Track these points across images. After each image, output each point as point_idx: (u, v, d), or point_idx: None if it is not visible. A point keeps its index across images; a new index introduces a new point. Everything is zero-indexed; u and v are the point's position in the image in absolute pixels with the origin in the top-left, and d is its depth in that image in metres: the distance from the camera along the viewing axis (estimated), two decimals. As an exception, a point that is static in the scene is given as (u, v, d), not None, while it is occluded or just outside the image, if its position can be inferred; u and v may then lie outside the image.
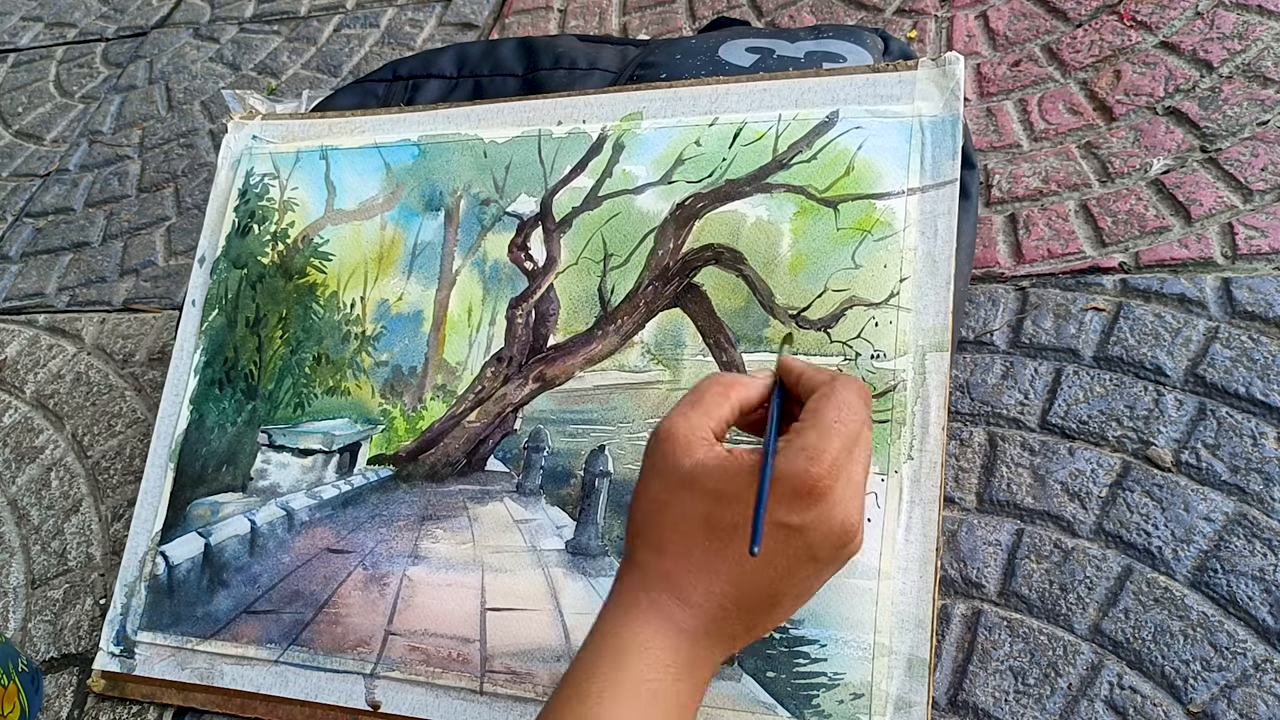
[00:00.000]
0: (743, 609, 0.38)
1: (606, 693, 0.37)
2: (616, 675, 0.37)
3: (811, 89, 0.59)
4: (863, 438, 0.39)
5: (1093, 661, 0.48)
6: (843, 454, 0.37)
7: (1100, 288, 0.60)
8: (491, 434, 0.59)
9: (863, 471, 0.39)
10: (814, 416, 0.38)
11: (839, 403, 0.38)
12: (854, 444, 0.38)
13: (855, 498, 0.38)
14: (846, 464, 0.37)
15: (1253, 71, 0.66)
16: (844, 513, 0.37)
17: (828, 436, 0.37)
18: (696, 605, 0.38)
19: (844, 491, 0.37)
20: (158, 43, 1.18)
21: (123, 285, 0.91)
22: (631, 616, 0.38)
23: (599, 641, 0.39)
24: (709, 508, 0.38)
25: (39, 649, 0.68)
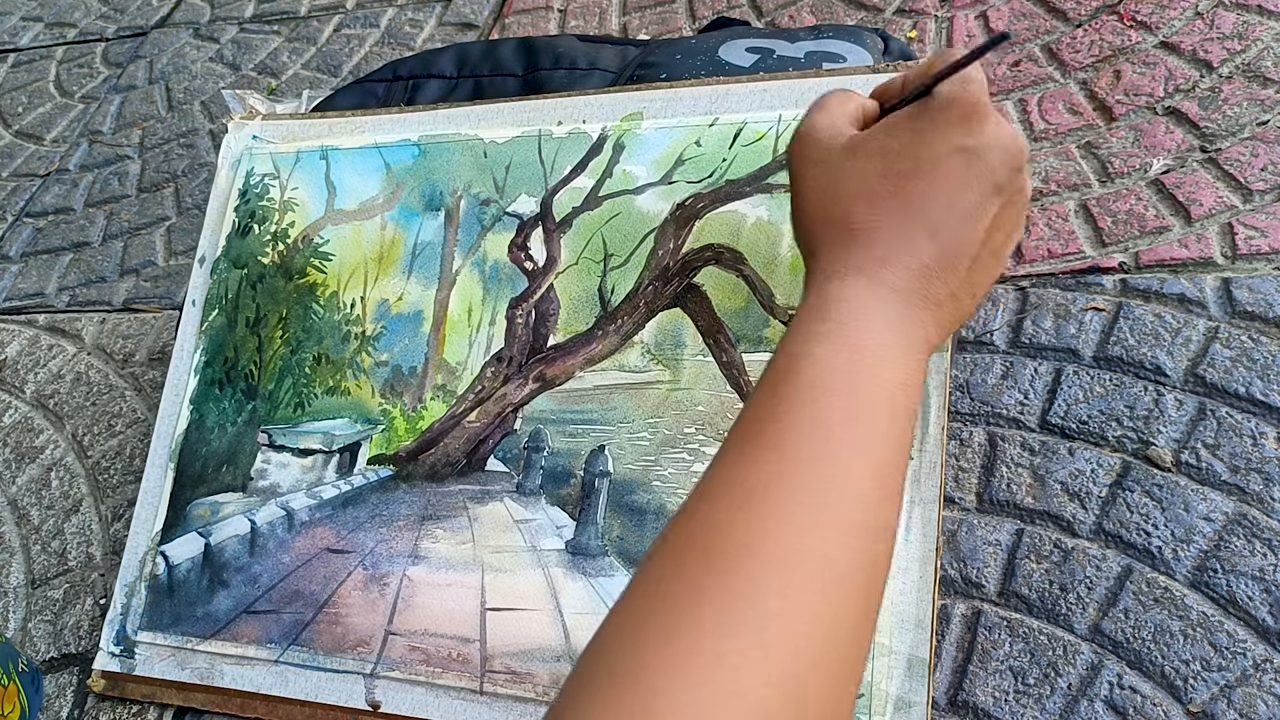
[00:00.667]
0: (943, 263, 0.36)
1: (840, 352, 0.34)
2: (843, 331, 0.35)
3: (812, 89, 0.59)
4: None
5: (1093, 661, 0.48)
6: (983, 80, 0.37)
7: (1100, 288, 0.60)
8: (491, 434, 0.59)
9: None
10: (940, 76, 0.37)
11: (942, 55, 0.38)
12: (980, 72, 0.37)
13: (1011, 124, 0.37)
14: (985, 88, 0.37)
15: (1253, 71, 0.66)
16: (1010, 129, 0.36)
17: (970, 69, 0.36)
18: (899, 262, 0.36)
19: (1001, 117, 0.36)
20: (158, 43, 1.18)
21: (123, 285, 0.91)
22: (845, 285, 0.36)
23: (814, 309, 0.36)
24: (881, 163, 0.37)
25: (39, 649, 0.68)
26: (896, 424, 0.34)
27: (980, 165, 0.36)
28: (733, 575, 0.29)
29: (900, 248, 0.36)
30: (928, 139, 0.36)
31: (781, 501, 0.31)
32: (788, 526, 0.30)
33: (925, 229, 0.36)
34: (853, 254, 0.37)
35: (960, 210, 0.36)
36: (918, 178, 0.36)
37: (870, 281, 0.36)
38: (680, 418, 0.55)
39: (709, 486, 0.33)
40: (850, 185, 0.37)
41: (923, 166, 0.36)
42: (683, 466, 0.54)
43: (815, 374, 0.34)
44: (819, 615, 0.29)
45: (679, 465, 0.54)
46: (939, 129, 0.36)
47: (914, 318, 0.36)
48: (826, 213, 0.38)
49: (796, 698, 0.28)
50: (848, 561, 0.31)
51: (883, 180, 0.37)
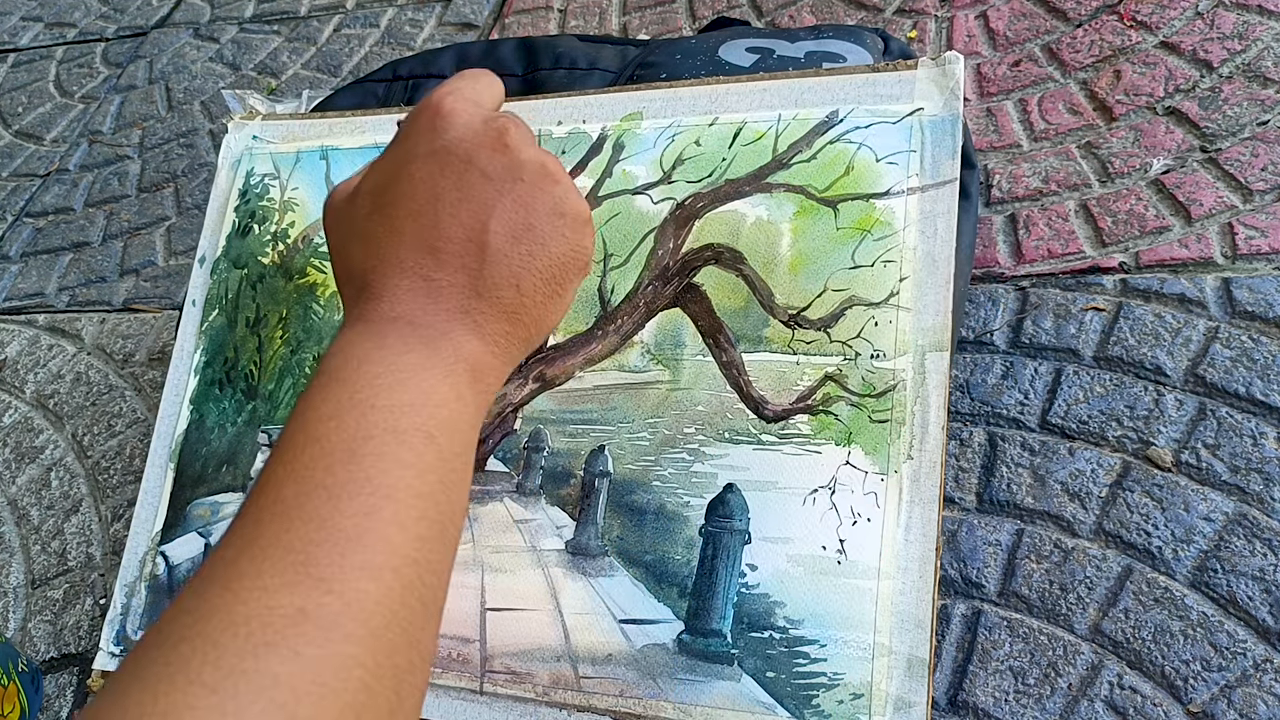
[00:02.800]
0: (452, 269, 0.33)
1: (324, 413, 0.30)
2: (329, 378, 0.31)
3: (811, 89, 0.59)
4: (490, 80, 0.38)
5: (1093, 661, 0.48)
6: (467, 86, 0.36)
7: (1100, 288, 0.60)
8: (491, 434, 0.59)
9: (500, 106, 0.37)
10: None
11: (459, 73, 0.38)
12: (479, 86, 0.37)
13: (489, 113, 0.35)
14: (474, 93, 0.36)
15: (1253, 71, 0.66)
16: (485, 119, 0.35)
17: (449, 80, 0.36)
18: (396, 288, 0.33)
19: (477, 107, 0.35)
20: (158, 43, 1.18)
21: (123, 285, 0.91)
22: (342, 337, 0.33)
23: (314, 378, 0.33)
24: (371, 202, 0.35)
25: (39, 649, 0.68)
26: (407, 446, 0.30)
27: (453, 159, 0.34)
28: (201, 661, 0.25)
29: (399, 276, 0.33)
30: (402, 160, 0.34)
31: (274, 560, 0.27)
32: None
33: (421, 248, 0.33)
34: (357, 300, 0.34)
35: (449, 214, 0.33)
36: (401, 201, 0.34)
37: (366, 324, 0.33)
38: (680, 418, 0.55)
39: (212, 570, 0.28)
40: (348, 233, 0.36)
41: (399, 186, 0.34)
42: (683, 466, 0.54)
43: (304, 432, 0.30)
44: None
45: (679, 465, 0.54)
46: (407, 144, 0.35)
47: (425, 334, 0.32)
48: (339, 272, 0.36)
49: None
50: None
51: (371, 217, 0.35)
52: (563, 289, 0.36)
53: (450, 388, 0.32)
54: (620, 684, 0.50)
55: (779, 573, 0.50)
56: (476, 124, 0.34)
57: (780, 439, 0.52)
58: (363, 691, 0.25)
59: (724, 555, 0.51)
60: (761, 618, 0.49)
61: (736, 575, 0.51)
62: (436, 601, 0.30)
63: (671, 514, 0.53)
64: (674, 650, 0.50)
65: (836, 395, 0.52)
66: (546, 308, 0.35)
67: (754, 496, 0.52)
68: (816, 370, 0.53)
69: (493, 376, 0.34)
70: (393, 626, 0.27)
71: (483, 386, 0.34)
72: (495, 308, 0.33)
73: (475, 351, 0.33)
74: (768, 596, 0.50)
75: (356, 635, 0.26)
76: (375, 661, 0.26)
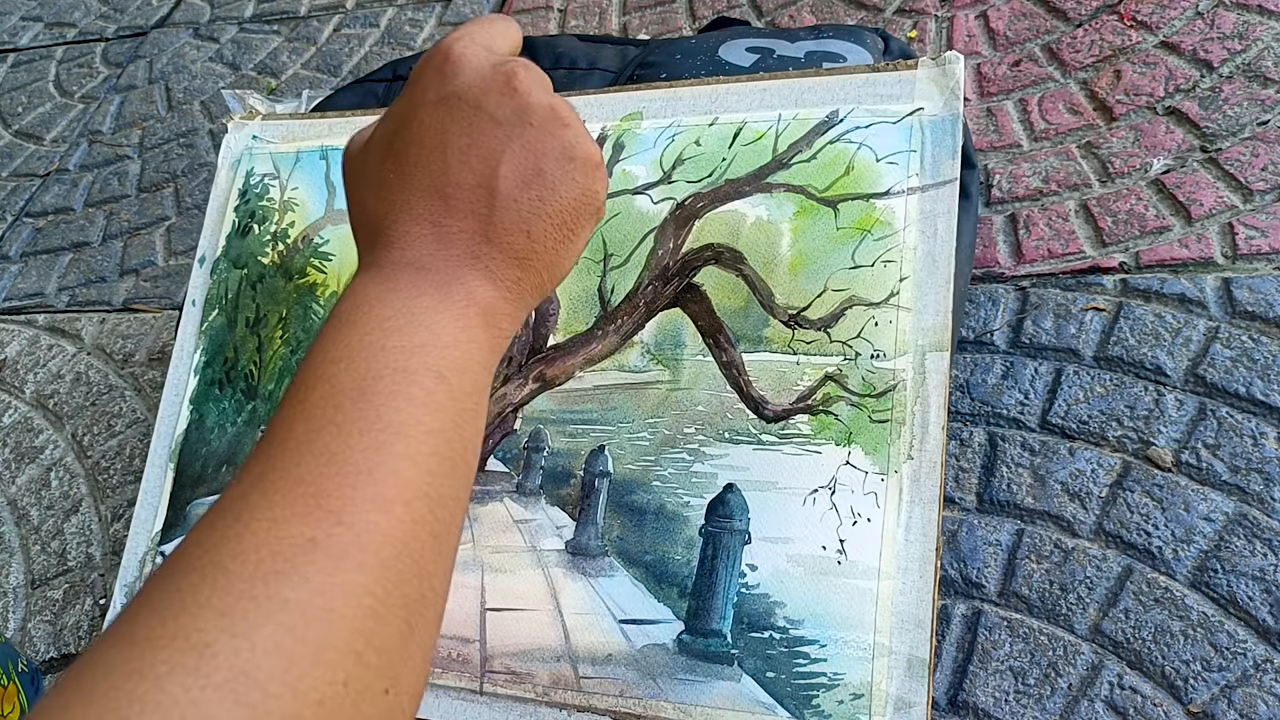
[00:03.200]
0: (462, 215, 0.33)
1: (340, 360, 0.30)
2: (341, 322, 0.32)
3: (811, 89, 0.59)
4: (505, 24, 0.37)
5: (1093, 661, 0.48)
6: (475, 29, 0.36)
7: (1100, 288, 0.60)
8: (491, 434, 0.59)
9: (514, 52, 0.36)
10: None
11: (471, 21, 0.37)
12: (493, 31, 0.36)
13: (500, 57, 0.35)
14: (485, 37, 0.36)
15: (1253, 71, 0.66)
16: (495, 63, 0.34)
17: (462, 26, 0.36)
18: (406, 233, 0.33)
19: (488, 53, 0.35)
20: (158, 43, 1.18)
21: (123, 285, 0.91)
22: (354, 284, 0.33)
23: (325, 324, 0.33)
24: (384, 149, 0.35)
25: (39, 649, 0.68)
26: (418, 384, 0.30)
27: (462, 105, 0.33)
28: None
29: (409, 222, 0.33)
30: (413, 107, 0.34)
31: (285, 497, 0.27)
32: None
33: (431, 193, 0.33)
34: (369, 248, 0.34)
35: (458, 160, 0.33)
36: (411, 148, 0.34)
37: (379, 270, 0.33)
38: (680, 418, 0.55)
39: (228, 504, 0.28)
40: (362, 182, 0.36)
41: (409, 131, 0.34)
42: (682, 466, 0.54)
43: (314, 374, 0.31)
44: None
45: (679, 465, 0.54)
46: (417, 90, 0.35)
47: (436, 279, 0.32)
48: (354, 221, 0.36)
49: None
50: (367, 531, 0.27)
51: (384, 164, 0.35)
52: (574, 234, 0.35)
53: (461, 329, 0.32)
54: (620, 684, 0.50)
55: (779, 573, 0.50)
56: (485, 69, 0.34)
57: (780, 439, 0.52)
58: (371, 618, 0.26)
59: (724, 555, 0.51)
60: (761, 618, 0.49)
61: (736, 575, 0.51)
62: (449, 537, 0.30)
63: (671, 514, 0.53)
64: (674, 650, 0.50)
65: (836, 395, 0.52)
66: (558, 253, 0.35)
67: (754, 496, 0.52)
68: (816, 370, 0.53)
69: (505, 321, 0.34)
70: (403, 558, 0.27)
71: (495, 330, 0.34)
72: (506, 253, 0.33)
73: (487, 296, 0.33)
74: (768, 596, 0.50)
75: (366, 565, 0.26)
76: (384, 590, 0.26)
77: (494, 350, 0.34)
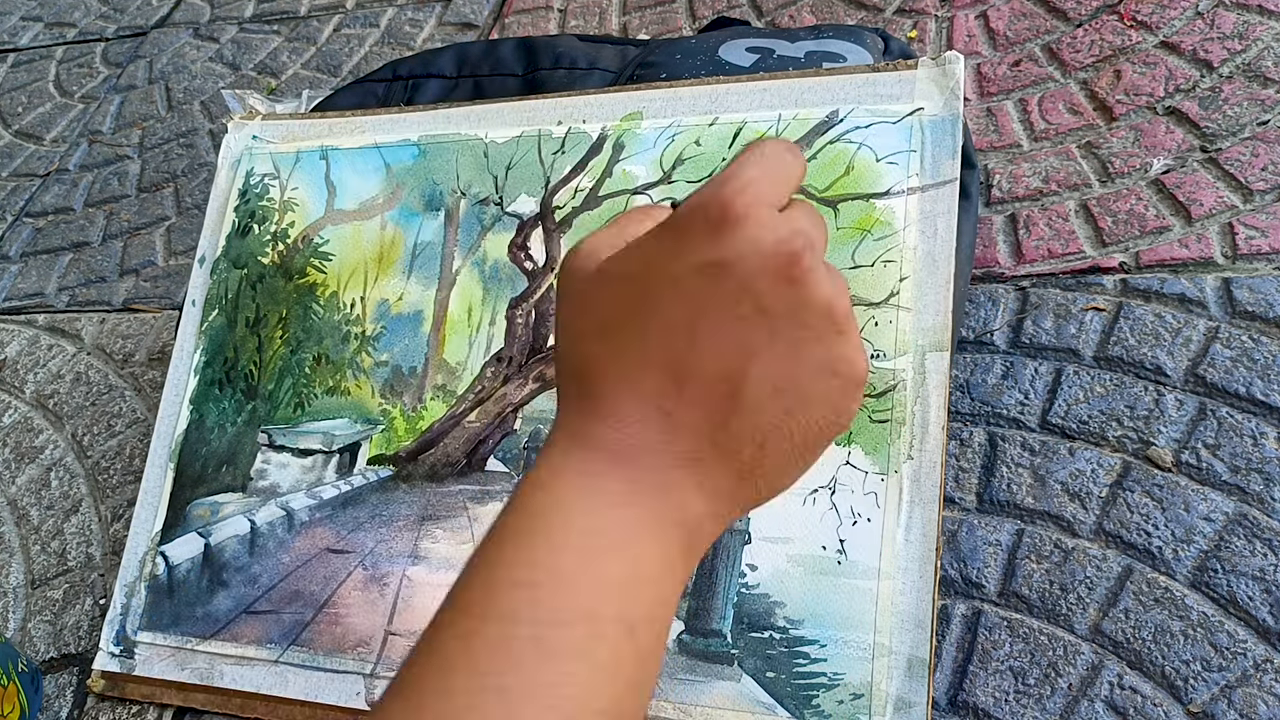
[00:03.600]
0: (692, 401, 0.28)
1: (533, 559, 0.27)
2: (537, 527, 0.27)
3: (811, 89, 0.59)
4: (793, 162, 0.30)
5: (1093, 661, 0.48)
6: (764, 180, 0.28)
7: (1100, 288, 0.60)
8: (491, 434, 0.59)
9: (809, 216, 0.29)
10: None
11: (757, 146, 0.29)
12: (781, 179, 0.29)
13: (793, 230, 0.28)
14: (769, 192, 0.28)
15: (1253, 71, 0.66)
16: (778, 238, 0.27)
17: (739, 165, 0.28)
18: (630, 417, 0.28)
19: (774, 218, 0.28)
20: (158, 43, 1.18)
21: (123, 285, 0.91)
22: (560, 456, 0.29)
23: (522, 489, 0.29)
24: (622, 289, 0.29)
25: (39, 649, 0.68)
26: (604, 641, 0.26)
27: (730, 283, 0.27)
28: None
29: (630, 394, 0.28)
30: (669, 255, 0.28)
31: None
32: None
33: (665, 372, 0.28)
34: (579, 408, 0.29)
35: (709, 343, 0.27)
36: (652, 303, 0.28)
37: (584, 450, 0.28)
38: (680, 418, 0.55)
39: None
40: (588, 320, 0.30)
41: (660, 290, 0.28)
42: (683, 466, 0.53)
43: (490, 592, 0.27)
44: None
45: (679, 465, 0.54)
46: (680, 242, 0.28)
47: (649, 483, 0.28)
48: (566, 357, 0.31)
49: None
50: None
51: (616, 309, 0.29)
52: (812, 454, 0.30)
53: (662, 558, 0.28)
54: (620, 684, 0.50)
55: (779, 573, 0.50)
56: (767, 242, 0.27)
57: (780, 439, 0.52)
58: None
59: (724, 555, 0.51)
60: (761, 618, 0.49)
61: (736, 575, 0.51)
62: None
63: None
64: (674, 650, 0.50)
65: (836, 395, 0.52)
66: (786, 471, 0.30)
67: (754, 496, 0.52)
68: (816, 370, 0.53)
69: (706, 543, 0.30)
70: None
71: (694, 556, 0.29)
72: (730, 463, 0.28)
73: (698, 512, 0.28)
74: (768, 596, 0.50)
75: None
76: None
77: (684, 581, 0.29)
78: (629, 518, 0.27)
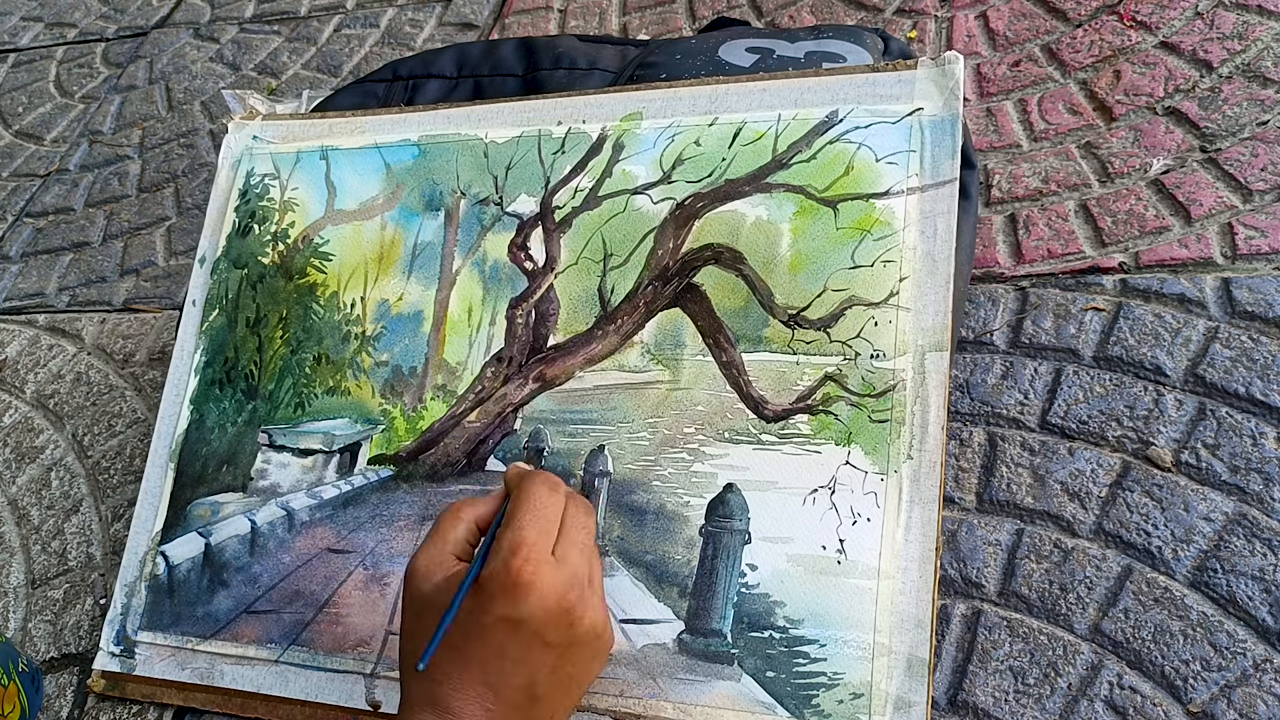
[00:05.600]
0: (508, 708, 0.41)
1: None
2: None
3: (811, 89, 0.59)
4: (567, 522, 0.44)
5: (1093, 661, 0.48)
6: (541, 540, 0.42)
7: (1100, 288, 0.60)
8: (491, 434, 0.59)
9: (575, 545, 0.43)
10: (509, 518, 0.43)
11: (527, 496, 0.43)
12: (551, 528, 0.43)
13: (567, 579, 0.41)
14: (546, 549, 0.42)
15: (1253, 71, 0.66)
16: (558, 595, 0.41)
17: (518, 528, 0.42)
18: (463, 713, 0.41)
19: (553, 575, 0.41)
20: (158, 43, 1.18)
21: (123, 285, 0.91)
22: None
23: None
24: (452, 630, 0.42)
25: (39, 649, 0.68)
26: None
27: (525, 631, 0.41)
28: None
29: (463, 701, 0.41)
30: (481, 610, 0.41)
31: None
32: None
33: (484, 685, 0.41)
34: (422, 704, 0.42)
35: (513, 668, 0.41)
36: (471, 642, 0.41)
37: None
38: (680, 418, 0.55)
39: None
40: (424, 639, 0.42)
41: (475, 633, 0.41)
42: (682, 466, 0.54)
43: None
44: None
45: (679, 465, 0.54)
46: (485, 603, 0.41)
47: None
48: (407, 658, 0.44)
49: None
50: None
51: (445, 643, 0.42)
52: (581, 697, 0.45)
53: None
54: (620, 684, 0.50)
55: (779, 573, 0.50)
56: (550, 601, 0.41)
57: (780, 439, 0.52)
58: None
59: (724, 555, 0.51)
60: (761, 618, 0.49)
61: (736, 575, 0.51)
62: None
63: (671, 514, 0.53)
64: (674, 650, 0.50)
65: (836, 395, 0.52)
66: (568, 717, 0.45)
67: (754, 496, 0.52)
68: (816, 370, 0.53)
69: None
70: None
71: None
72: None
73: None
74: (768, 596, 0.50)
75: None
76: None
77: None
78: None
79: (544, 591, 0.41)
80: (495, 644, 0.41)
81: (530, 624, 0.41)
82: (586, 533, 0.45)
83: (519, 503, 0.43)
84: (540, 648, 0.41)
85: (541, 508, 0.43)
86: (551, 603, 0.41)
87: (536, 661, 0.41)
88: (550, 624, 0.41)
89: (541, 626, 0.41)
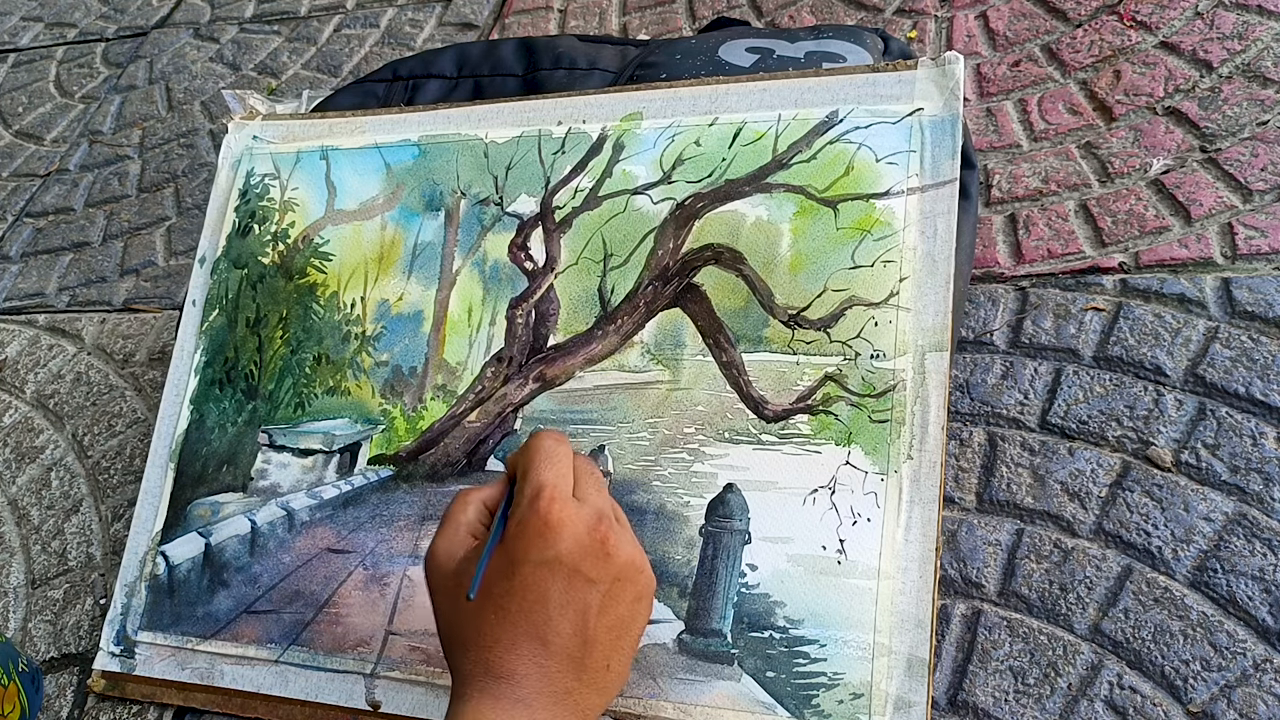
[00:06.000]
0: (562, 660, 0.40)
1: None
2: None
3: (811, 89, 0.59)
4: (579, 467, 0.43)
5: (1093, 661, 0.48)
6: (561, 483, 0.41)
7: (1100, 288, 0.60)
8: (491, 434, 0.59)
9: (593, 488, 0.43)
10: (522, 476, 0.43)
11: (537, 448, 0.43)
12: (568, 472, 0.42)
13: (594, 513, 0.41)
14: (567, 490, 0.41)
15: (1252, 71, 0.66)
16: (589, 527, 0.40)
17: (537, 472, 0.41)
18: (518, 674, 0.40)
19: (580, 511, 0.41)
20: (158, 43, 1.18)
21: (123, 285, 0.91)
22: (473, 707, 0.40)
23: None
24: (486, 594, 0.41)
25: (39, 649, 0.68)
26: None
27: (561, 568, 0.40)
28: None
29: (515, 661, 0.40)
30: (517, 561, 0.40)
31: None
32: None
33: (533, 639, 0.40)
34: (477, 675, 0.41)
35: (559, 613, 0.40)
36: (514, 597, 0.40)
37: (495, 701, 0.40)
38: (680, 418, 0.55)
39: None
40: (464, 614, 0.42)
41: (515, 588, 0.40)
42: (682, 466, 0.54)
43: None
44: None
45: (679, 465, 0.54)
46: (519, 551, 0.40)
47: (542, 716, 0.40)
48: (451, 639, 0.43)
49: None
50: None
51: (485, 607, 0.41)
52: (637, 644, 0.43)
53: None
54: (620, 684, 0.50)
55: (779, 573, 0.50)
56: (583, 535, 0.40)
57: (780, 439, 0.52)
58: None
59: (724, 555, 0.51)
60: (761, 618, 0.49)
61: (736, 575, 0.51)
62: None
63: (671, 514, 0.53)
64: (674, 650, 0.50)
65: (836, 395, 0.52)
66: (626, 666, 0.43)
67: (754, 496, 0.52)
68: (816, 370, 0.53)
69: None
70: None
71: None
72: (591, 686, 0.41)
73: (589, 714, 0.41)
74: (768, 596, 0.50)
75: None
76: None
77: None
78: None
79: (575, 528, 0.40)
80: (537, 592, 0.40)
81: (567, 561, 0.40)
82: (599, 478, 0.44)
83: (531, 455, 0.43)
84: (583, 584, 0.40)
85: (554, 455, 0.43)
86: (584, 536, 0.40)
87: (581, 601, 0.40)
88: (587, 558, 0.40)
89: (579, 561, 0.40)
